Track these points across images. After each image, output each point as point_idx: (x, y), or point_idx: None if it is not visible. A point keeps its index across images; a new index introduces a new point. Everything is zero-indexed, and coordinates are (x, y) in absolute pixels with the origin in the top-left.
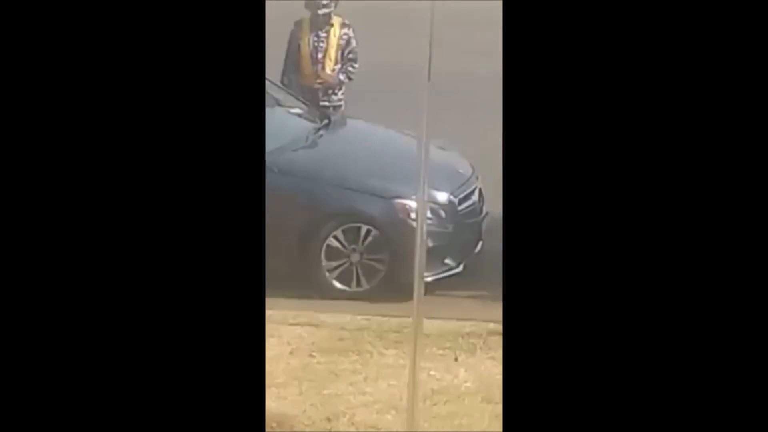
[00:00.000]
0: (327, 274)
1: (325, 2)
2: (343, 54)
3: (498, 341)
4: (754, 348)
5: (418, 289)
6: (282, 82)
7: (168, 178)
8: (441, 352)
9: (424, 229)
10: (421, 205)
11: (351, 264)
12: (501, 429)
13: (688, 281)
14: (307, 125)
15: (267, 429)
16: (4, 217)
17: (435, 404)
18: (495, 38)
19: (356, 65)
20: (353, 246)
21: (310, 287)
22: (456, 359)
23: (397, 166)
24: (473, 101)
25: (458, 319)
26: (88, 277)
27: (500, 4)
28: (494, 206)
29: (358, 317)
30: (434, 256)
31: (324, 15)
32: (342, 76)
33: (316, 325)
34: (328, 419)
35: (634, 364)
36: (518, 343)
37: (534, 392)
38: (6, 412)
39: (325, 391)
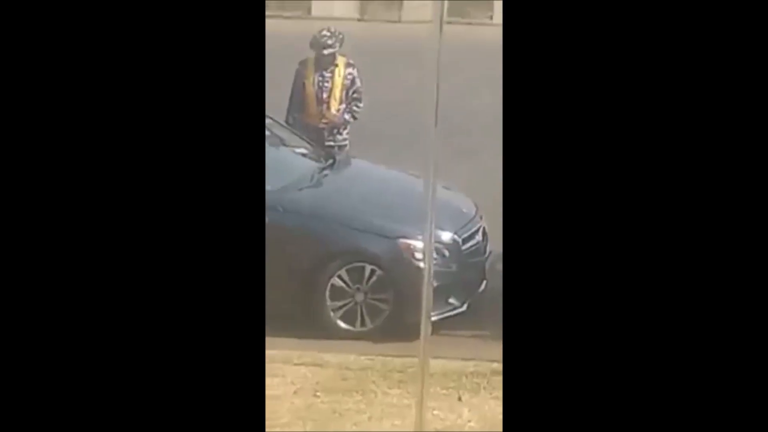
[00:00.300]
0: (331, 313)
1: (330, 42)
2: (347, 94)
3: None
4: (754, 349)
5: (425, 329)
6: (287, 121)
7: (170, 218)
8: (445, 391)
9: (431, 269)
10: (428, 245)
11: (355, 303)
12: None
13: (689, 310)
14: (312, 164)
15: None
16: (1, 217)
17: None
18: (499, 79)
19: (361, 105)
20: (357, 285)
21: (314, 327)
22: (460, 399)
23: (402, 205)
24: (476, 140)
25: (462, 359)
26: (96, 324)
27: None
28: (498, 245)
29: (362, 357)
30: (438, 296)
31: (329, 55)
32: (347, 116)
33: (320, 365)
34: None
35: (634, 406)
36: (518, 383)
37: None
38: (6, 412)
39: (329, 431)
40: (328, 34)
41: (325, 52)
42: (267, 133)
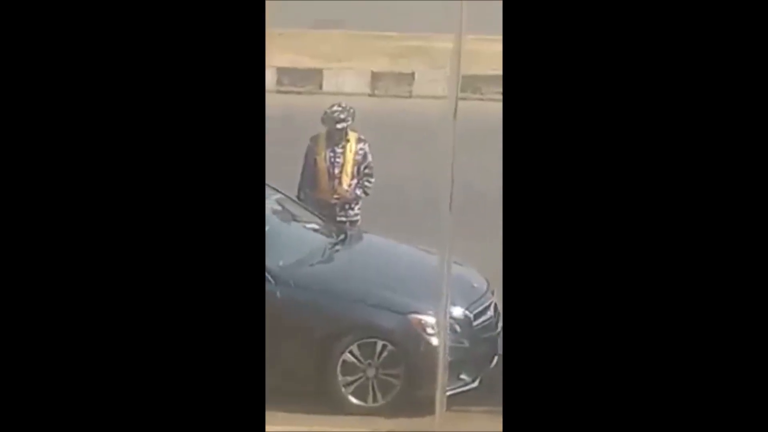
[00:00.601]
0: (343, 389)
1: (342, 116)
2: (359, 169)
3: None
4: (754, 349)
5: (440, 404)
6: (298, 197)
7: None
8: None
9: (447, 344)
10: (442, 322)
11: (367, 379)
12: None
13: (690, 351)
14: (324, 240)
15: None
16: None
17: None
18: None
19: (372, 180)
20: (369, 361)
21: (325, 402)
22: None
23: (413, 280)
24: (488, 216)
25: None
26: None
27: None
28: None
29: None
30: (450, 371)
31: (341, 129)
32: (358, 191)
33: None
34: None
35: None
36: None
37: None
38: (5, 412)
39: None
40: (340, 108)
41: (338, 126)
42: (279, 208)
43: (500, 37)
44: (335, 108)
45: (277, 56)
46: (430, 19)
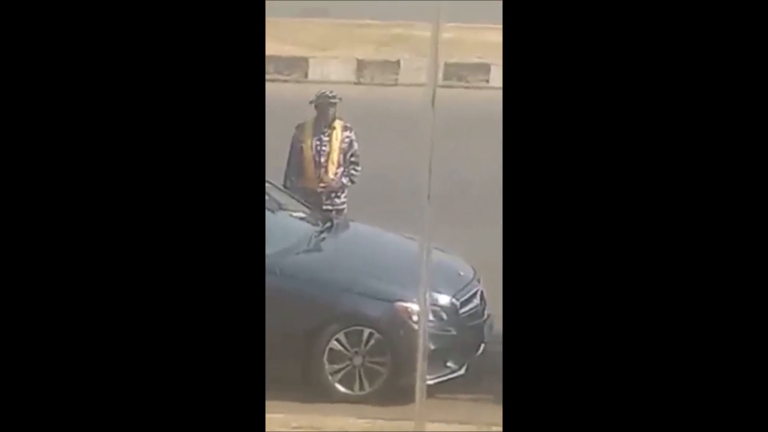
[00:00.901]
0: (330, 377)
1: (333, 101)
2: (345, 157)
3: None
4: (754, 349)
5: (420, 393)
6: (284, 185)
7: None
8: None
9: (427, 332)
10: (422, 309)
11: (354, 367)
12: None
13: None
14: (310, 228)
15: None
16: None
17: None
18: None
19: (359, 168)
20: (356, 349)
21: (312, 390)
22: None
23: (399, 268)
24: (475, 203)
25: (460, 422)
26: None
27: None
28: (496, 308)
29: (361, 420)
30: (436, 359)
31: (333, 109)
32: (344, 179)
33: (318, 429)
34: None
35: None
36: None
37: None
38: (6, 412)
39: None
40: (330, 92)
41: (332, 101)
42: (265, 197)
43: (483, 26)
44: (326, 91)
45: None
46: (413, 7)
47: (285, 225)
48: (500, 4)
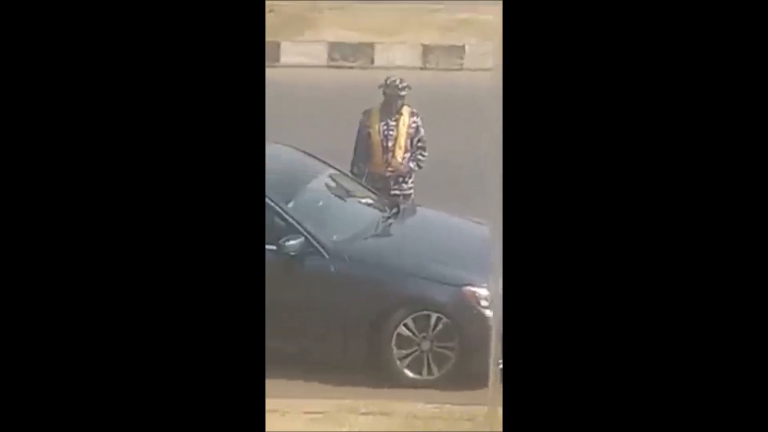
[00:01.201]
0: (398, 362)
1: (403, 85)
2: (412, 142)
3: None
4: (754, 349)
5: (494, 378)
6: (352, 171)
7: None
8: None
9: (500, 317)
10: (495, 294)
11: (422, 352)
12: None
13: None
14: (377, 214)
15: None
16: None
17: None
18: None
19: (426, 153)
20: (424, 334)
21: (380, 375)
22: None
23: (466, 253)
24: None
25: None
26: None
27: None
28: None
29: (429, 405)
30: None
31: (402, 97)
32: (412, 164)
33: (387, 414)
34: None
35: None
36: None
37: None
38: (5, 412)
39: None
40: (399, 79)
41: (401, 94)
42: (333, 183)
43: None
44: (394, 78)
45: (327, 31)
46: None
47: (353, 211)
48: None
